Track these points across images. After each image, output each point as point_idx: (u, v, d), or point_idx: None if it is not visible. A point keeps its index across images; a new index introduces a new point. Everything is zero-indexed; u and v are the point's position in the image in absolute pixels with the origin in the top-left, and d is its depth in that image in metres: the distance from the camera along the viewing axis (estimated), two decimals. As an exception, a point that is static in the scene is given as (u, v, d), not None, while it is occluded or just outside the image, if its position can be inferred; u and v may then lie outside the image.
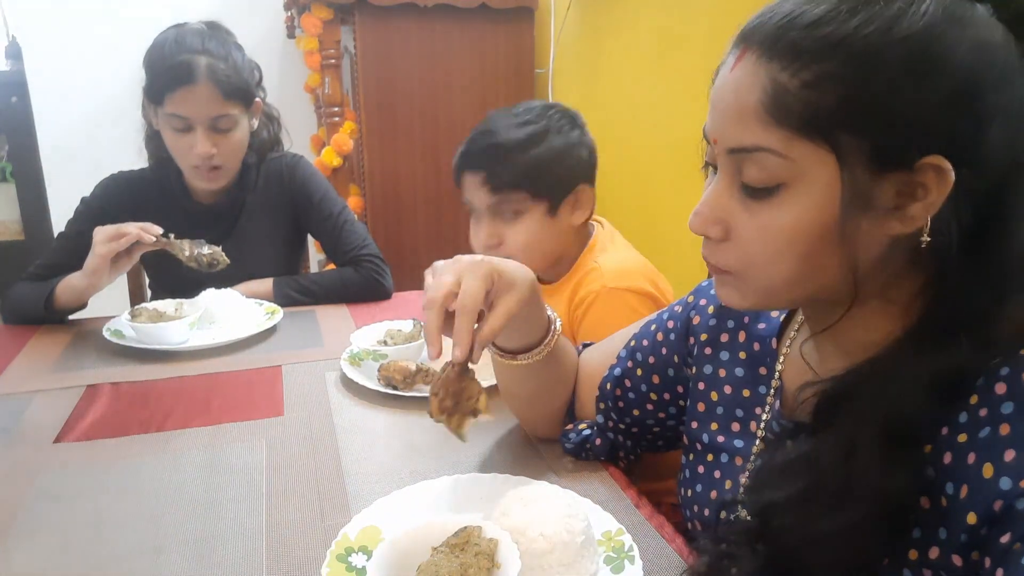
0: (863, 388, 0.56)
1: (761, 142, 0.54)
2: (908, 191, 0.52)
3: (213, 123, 1.39)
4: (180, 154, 1.42)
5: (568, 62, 2.35)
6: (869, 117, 0.51)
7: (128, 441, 0.95)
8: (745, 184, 0.57)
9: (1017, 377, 0.51)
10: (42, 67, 2.67)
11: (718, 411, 0.76)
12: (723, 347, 0.77)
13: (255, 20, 2.68)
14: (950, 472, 0.52)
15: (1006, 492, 0.48)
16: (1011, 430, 0.50)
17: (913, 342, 0.56)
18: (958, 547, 0.51)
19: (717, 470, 0.75)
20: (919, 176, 0.51)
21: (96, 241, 1.26)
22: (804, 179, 0.54)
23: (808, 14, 0.53)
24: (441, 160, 2.44)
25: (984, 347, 0.53)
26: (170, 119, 1.38)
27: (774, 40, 0.53)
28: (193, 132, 1.38)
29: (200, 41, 1.37)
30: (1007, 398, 0.51)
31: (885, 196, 0.53)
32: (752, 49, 0.55)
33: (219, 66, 1.36)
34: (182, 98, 1.35)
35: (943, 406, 0.53)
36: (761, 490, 0.59)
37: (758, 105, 0.54)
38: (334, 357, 1.18)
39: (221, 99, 1.37)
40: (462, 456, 0.89)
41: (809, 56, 0.52)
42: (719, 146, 0.58)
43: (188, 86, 1.34)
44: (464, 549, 0.62)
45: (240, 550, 0.72)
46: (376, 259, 1.56)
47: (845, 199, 0.52)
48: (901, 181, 0.52)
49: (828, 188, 0.53)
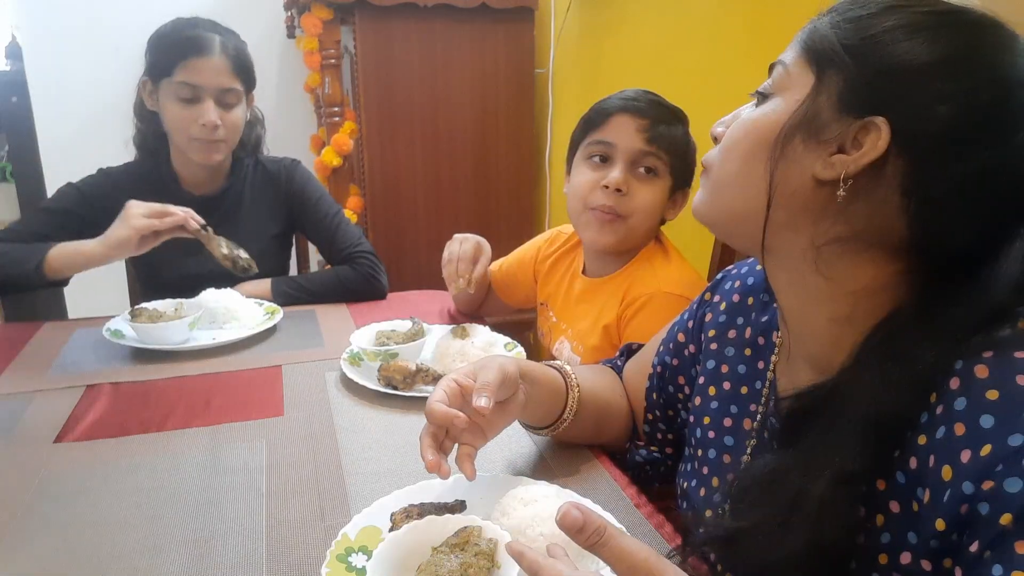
0: (825, 408, 0.56)
1: (784, 57, 0.62)
2: (845, 140, 0.56)
3: (221, 96, 1.42)
4: (183, 125, 1.42)
5: (568, 62, 2.35)
6: (861, 55, 0.55)
7: (128, 441, 0.95)
8: (757, 91, 0.64)
9: (970, 370, 0.50)
10: (42, 67, 2.67)
11: (712, 406, 0.77)
12: (729, 343, 0.78)
13: (255, 20, 2.68)
14: (917, 476, 0.51)
15: (970, 496, 0.47)
16: (966, 429, 0.49)
17: (871, 363, 0.55)
18: (928, 552, 0.50)
19: (706, 466, 0.76)
20: (861, 132, 0.55)
21: (132, 214, 1.25)
22: (789, 91, 0.60)
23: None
24: (441, 160, 2.44)
25: (945, 352, 0.52)
26: (179, 88, 1.39)
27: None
28: (200, 103, 1.40)
29: (212, 24, 1.44)
30: (960, 393, 0.50)
31: (829, 133, 0.56)
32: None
33: (231, 43, 1.43)
34: (195, 67, 1.38)
35: (903, 426, 0.53)
36: (734, 510, 0.60)
37: (802, 31, 0.61)
38: (334, 357, 1.18)
39: (232, 73, 1.42)
40: (462, 456, 0.89)
41: (844, 4, 0.59)
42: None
43: (203, 56, 1.38)
44: (464, 549, 0.62)
45: (240, 550, 0.72)
46: (371, 256, 1.57)
47: (797, 114, 0.58)
48: (847, 127, 0.56)
49: (796, 104, 0.59)
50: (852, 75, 0.56)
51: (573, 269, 1.32)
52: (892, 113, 0.53)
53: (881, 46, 0.55)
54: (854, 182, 0.55)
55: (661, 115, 1.17)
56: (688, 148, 1.20)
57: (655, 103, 1.18)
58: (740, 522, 0.57)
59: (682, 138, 1.19)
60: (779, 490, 0.55)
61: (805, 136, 0.58)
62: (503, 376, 0.74)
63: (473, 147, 2.46)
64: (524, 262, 1.43)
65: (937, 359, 0.52)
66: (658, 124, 1.16)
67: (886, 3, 0.56)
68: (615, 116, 1.17)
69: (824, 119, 0.57)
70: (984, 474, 0.46)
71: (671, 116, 1.18)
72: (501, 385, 0.74)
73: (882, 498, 0.54)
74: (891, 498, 0.53)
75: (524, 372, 0.80)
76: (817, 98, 0.57)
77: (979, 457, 0.47)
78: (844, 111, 0.56)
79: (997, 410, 0.48)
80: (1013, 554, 0.44)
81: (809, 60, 0.59)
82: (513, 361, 0.78)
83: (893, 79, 0.54)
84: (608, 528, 0.48)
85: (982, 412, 0.48)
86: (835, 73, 0.56)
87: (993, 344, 0.50)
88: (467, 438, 0.76)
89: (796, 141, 0.58)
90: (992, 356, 0.50)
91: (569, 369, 0.88)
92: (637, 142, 1.16)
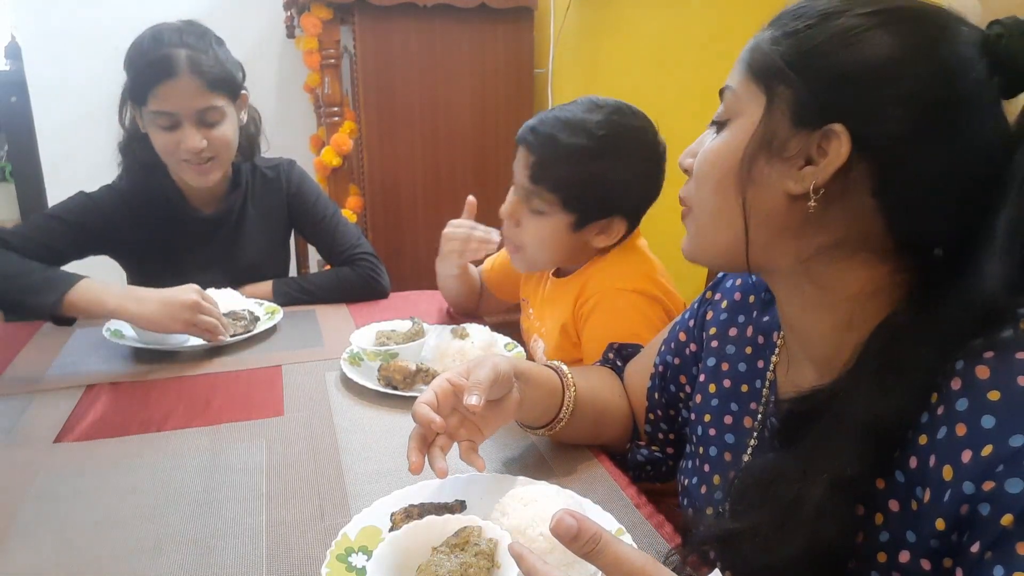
0: (824, 412, 0.56)
1: (730, 82, 0.62)
2: (809, 152, 0.56)
3: (200, 116, 1.34)
4: (169, 151, 1.36)
5: (568, 62, 2.35)
6: (803, 68, 0.56)
7: (128, 441, 0.95)
8: (713, 120, 0.64)
9: (971, 371, 0.50)
10: (41, 67, 2.67)
11: (713, 404, 0.77)
12: (731, 341, 0.78)
13: (255, 20, 2.68)
14: (917, 476, 0.51)
15: (970, 496, 0.47)
16: (967, 430, 0.49)
17: (869, 369, 0.55)
18: (928, 552, 0.50)
19: (707, 464, 0.76)
20: (823, 141, 0.55)
21: (181, 304, 1.19)
22: (743, 115, 0.60)
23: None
24: (441, 160, 2.44)
25: (942, 355, 0.52)
26: (156, 118, 1.32)
27: (781, 11, 0.59)
28: (181, 128, 1.33)
29: (178, 36, 1.32)
30: (961, 394, 0.50)
31: (792, 149, 0.56)
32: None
33: (200, 57, 1.32)
34: (165, 93, 1.30)
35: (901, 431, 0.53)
36: (733, 511, 0.60)
37: (743, 53, 0.61)
38: (334, 357, 1.18)
39: (205, 90, 1.32)
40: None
41: (788, 15, 0.58)
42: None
43: (170, 80, 1.29)
44: (464, 549, 0.62)
45: (240, 550, 0.72)
46: (371, 257, 1.57)
47: (756, 137, 0.58)
48: (807, 139, 0.56)
49: (753, 127, 0.59)
50: (801, 90, 0.56)
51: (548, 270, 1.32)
52: (848, 119, 0.54)
53: (824, 57, 0.55)
54: (826, 191, 0.55)
55: (549, 150, 1.10)
56: (597, 181, 1.09)
57: (550, 137, 1.10)
58: (739, 523, 0.57)
59: (576, 174, 1.09)
60: (777, 493, 0.55)
61: (768, 156, 0.58)
62: (496, 375, 0.75)
63: (472, 147, 2.46)
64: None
65: (934, 362, 0.52)
66: (543, 161, 1.10)
67: (822, 11, 0.56)
68: (519, 146, 1.15)
69: (783, 137, 0.57)
70: (985, 475, 0.47)
71: (567, 151, 1.08)
72: (493, 383, 0.74)
73: (881, 497, 0.54)
74: (890, 497, 0.53)
75: (519, 372, 0.80)
76: (771, 117, 0.57)
77: (980, 457, 0.47)
78: (800, 125, 0.56)
79: (998, 411, 0.48)
80: (1014, 555, 0.44)
81: (756, 80, 0.59)
82: (507, 360, 0.78)
83: (842, 87, 0.54)
84: (604, 535, 0.47)
85: (983, 413, 0.48)
86: (784, 89, 0.57)
87: (994, 345, 0.50)
88: (464, 434, 0.76)
89: (761, 163, 0.58)
90: (993, 357, 0.50)
91: (566, 369, 0.88)
92: (524, 179, 1.13)
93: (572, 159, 1.09)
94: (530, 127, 1.14)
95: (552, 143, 1.10)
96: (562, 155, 1.09)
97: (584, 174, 1.09)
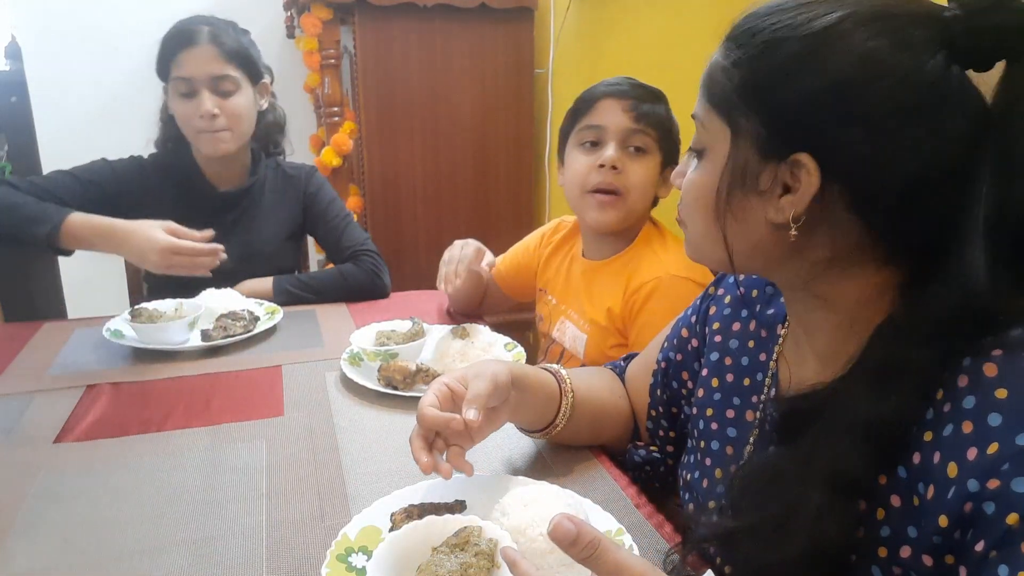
0: (823, 410, 0.56)
1: (697, 111, 0.62)
2: (783, 182, 0.56)
3: (215, 84, 1.43)
4: (186, 120, 1.45)
5: (568, 62, 2.34)
6: (758, 102, 0.56)
7: (128, 441, 0.95)
8: (690, 147, 0.64)
9: (979, 368, 0.50)
10: (41, 67, 2.66)
11: (715, 397, 0.77)
12: (734, 335, 0.78)
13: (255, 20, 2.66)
14: (920, 471, 0.51)
15: (975, 494, 0.47)
16: (973, 427, 0.48)
17: (867, 370, 0.55)
18: (930, 548, 0.50)
19: (709, 458, 0.76)
20: (793, 170, 0.55)
21: (160, 248, 1.26)
22: (714, 148, 0.61)
23: (759, 9, 0.57)
24: (441, 160, 2.44)
25: (938, 356, 0.52)
26: (176, 84, 1.43)
27: (730, 28, 0.59)
28: (198, 96, 1.42)
29: (206, 18, 1.45)
30: (969, 391, 0.50)
31: (764, 181, 0.57)
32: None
33: (220, 32, 1.43)
34: (184, 60, 1.41)
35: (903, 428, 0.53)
36: (734, 509, 0.60)
37: (702, 79, 0.61)
38: (334, 357, 1.18)
39: (221, 59, 1.43)
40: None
41: (734, 41, 0.58)
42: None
43: (189, 48, 1.41)
44: (464, 549, 0.62)
45: (240, 550, 0.72)
46: (375, 255, 1.60)
47: (727, 173, 0.59)
48: (777, 171, 0.56)
49: (723, 160, 0.59)
50: (758, 123, 0.56)
51: (573, 253, 1.35)
52: (811, 147, 0.54)
53: (774, 90, 0.55)
54: (807, 216, 0.56)
55: (644, 95, 1.21)
56: (672, 125, 1.24)
57: (636, 85, 1.23)
58: (739, 522, 0.57)
59: (665, 116, 1.23)
60: (778, 493, 0.55)
61: (744, 190, 0.58)
62: (494, 387, 0.75)
63: (473, 147, 2.46)
64: (529, 249, 1.46)
65: (931, 362, 0.52)
66: (642, 104, 1.21)
67: (766, 40, 0.55)
68: (602, 101, 1.22)
69: (754, 171, 0.57)
70: (990, 473, 0.46)
71: (653, 96, 1.23)
72: (491, 396, 0.75)
73: (883, 492, 0.54)
74: (892, 492, 0.53)
75: (516, 379, 0.80)
76: (738, 151, 0.58)
77: (986, 455, 0.47)
78: (766, 158, 0.56)
79: (1005, 409, 0.48)
80: (1020, 555, 0.44)
81: (718, 112, 0.59)
82: (506, 369, 0.78)
83: (798, 118, 0.54)
84: (602, 541, 0.47)
85: (990, 410, 0.48)
86: (744, 122, 0.57)
87: (1003, 343, 0.50)
88: (454, 439, 0.76)
89: (738, 196, 0.59)
90: (1002, 355, 0.50)
91: (564, 373, 0.88)
92: (625, 121, 1.19)
93: (660, 102, 1.23)
94: (611, 82, 1.24)
95: (642, 89, 1.22)
96: (653, 96, 1.23)
97: (670, 116, 1.24)
